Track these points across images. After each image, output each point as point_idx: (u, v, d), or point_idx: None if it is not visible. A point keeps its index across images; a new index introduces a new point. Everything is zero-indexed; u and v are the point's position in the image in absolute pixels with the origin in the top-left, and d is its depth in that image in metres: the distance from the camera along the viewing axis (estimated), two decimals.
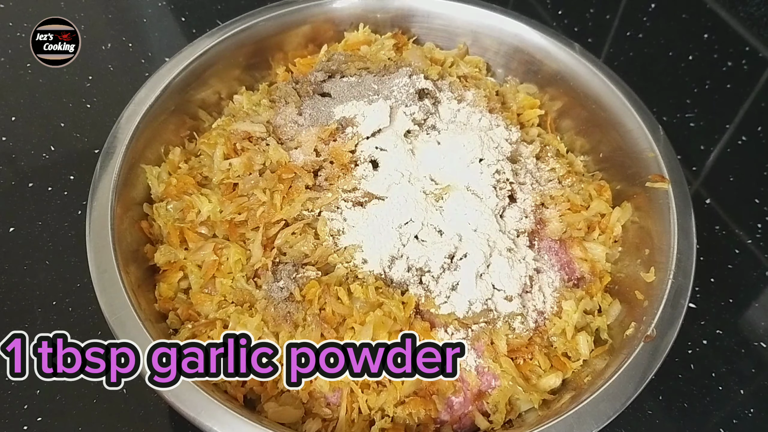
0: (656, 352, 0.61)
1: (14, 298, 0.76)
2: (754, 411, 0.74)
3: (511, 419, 0.64)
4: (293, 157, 0.73)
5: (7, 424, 0.67)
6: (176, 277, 0.69)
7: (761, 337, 0.80)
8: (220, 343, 0.59)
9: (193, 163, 0.77)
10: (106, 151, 0.70)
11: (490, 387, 0.64)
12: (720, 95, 1.06)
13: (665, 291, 0.65)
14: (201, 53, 0.80)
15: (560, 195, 0.77)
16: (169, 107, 0.77)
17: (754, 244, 0.88)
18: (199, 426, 0.54)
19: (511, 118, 0.83)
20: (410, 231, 0.68)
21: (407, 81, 0.78)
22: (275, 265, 0.67)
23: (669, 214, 0.70)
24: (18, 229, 0.82)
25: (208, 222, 0.71)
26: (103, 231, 0.65)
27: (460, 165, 0.72)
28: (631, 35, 1.14)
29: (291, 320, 0.63)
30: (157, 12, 1.12)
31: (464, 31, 0.91)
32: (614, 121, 0.80)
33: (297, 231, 0.69)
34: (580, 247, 0.74)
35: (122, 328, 0.59)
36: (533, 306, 0.68)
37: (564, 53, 0.85)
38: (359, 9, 0.90)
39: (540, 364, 0.66)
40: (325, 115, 0.76)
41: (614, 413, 0.57)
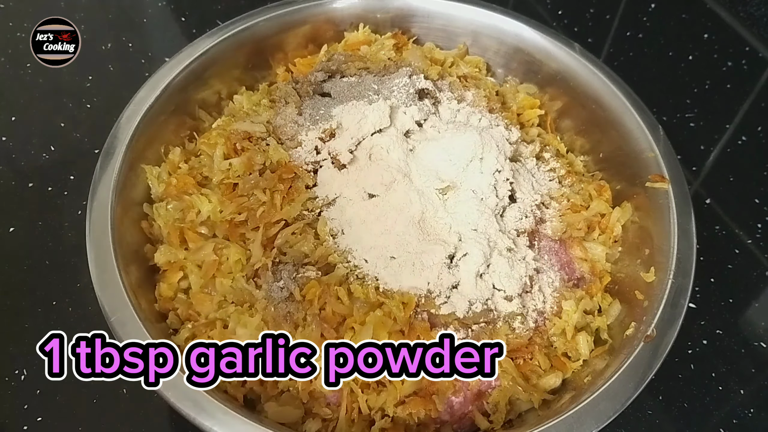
0: (656, 352, 0.61)
1: (14, 298, 0.76)
2: (754, 411, 0.74)
3: (511, 419, 0.64)
4: (293, 156, 0.73)
5: (7, 424, 0.67)
6: (176, 277, 0.69)
7: (761, 337, 0.80)
8: (258, 343, 0.58)
9: (193, 163, 0.77)
10: (106, 151, 0.70)
11: (490, 387, 0.64)
12: (720, 95, 1.06)
13: (665, 291, 0.65)
14: (201, 53, 0.80)
15: (560, 195, 0.77)
16: (169, 107, 0.77)
17: (754, 244, 0.88)
18: (199, 426, 0.54)
19: (511, 118, 0.83)
20: (410, 231, 0.68)
21: (407, 81, 0.78)
22: (275, 265, 0.67)
23: (669, 214, 0.70)
24: (18, 229, 0.82)
25: (208, 222, 0.71)
26: (103, 231, 0.65)
27: (460, 165, 0.72)
28: (631, 35, 1.14)
29: (291, 320, 0.63)
30: (157, 12, 1.12)
31: (464, 31, 0.91)
32: (614, 121, 0.80)
33: (297, 231, 0.69)
34: (580, 247, 0.74)
35: (122, 328, 0.59)
36: (533, 306, 0.68)
37: (564, 53, 0.85)
38: (359, 9, 0.90)
39: (540, 364, 0.66)
40: (325, 116, 0.76)
41: (614, 413, 0.57)
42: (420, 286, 0.65)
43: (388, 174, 0.71)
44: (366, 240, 0.67)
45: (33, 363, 0.70)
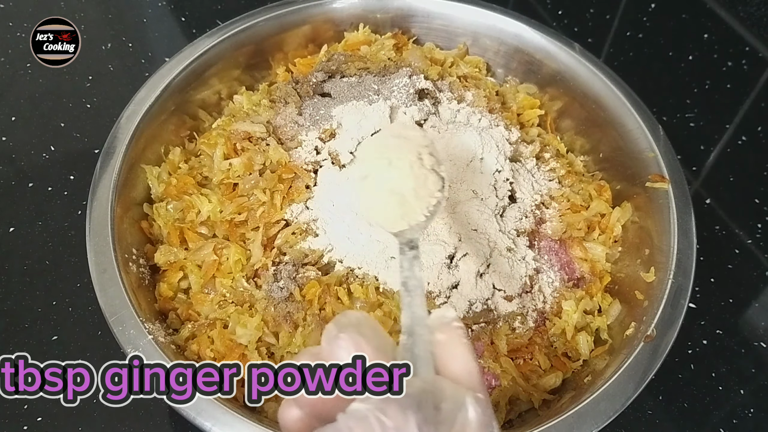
0: (656, 352, 0.61)
1: (14, 298, 0.76)
2: (754, 411, 0.74)
3: (511, 419, 0.64)
4: (293, 156, 0.73)
5: (7, 424, 0.67)
6: (176, 277, 0.69)
7: (761, 337, 0.80)
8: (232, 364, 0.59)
9: (193, 163, 0.77)
10: (106, 151, 0.70)
11: (490, 387, 0.64)
12: (720, 95, 1.06)
13: (665, 291, 0.65)
14: (201, 53, 0.80)
15: (560, 195, 0.77)
16: (169, 107, 0.77)
17: (754, 244, 0.88)
18: (200, 426, 0.54)
19: (511, 118, 0.83)
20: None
21: (407, 81, 0.78)
22: (275, 265, 0.67)
23: (669, 214, 0.70)
24: (18, 229, 0.82)
25: (208, 222, 0.71)
26: (103, 231, 0.65)
27: (459, 165, 0.72)
28: (631, 35, 1.14)
29: (291, 320, 0.63)
30: (157, 12, 1.12)
31: (464, 31, 0.91)
32: (614, 121, 0.80)
33: (297, 231, 0.69)
34: (580, 247, 0.74)
35: (122, 328, 0.59)
36: (533, 306, 0.68)
37: (564, 53, 0.85)
38: (359, 9, 0.90)
39: (540, 364, 0.66)
40: (325, 116, 0.76)
41: (614, 413, 0.57)
42: None
43: None
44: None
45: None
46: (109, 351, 0.68)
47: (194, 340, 0.64)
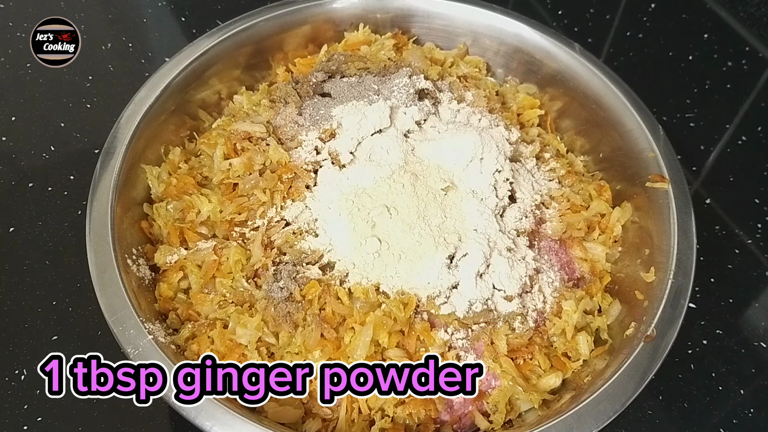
0: (656, 352, 0.61)
1: (14, 298, 0.76)
2: (754, 411, 0.74)
3: (511, 419, 0.64)
4: (293, 156, 0.73)
5: (7, 424, 0.67)
6: (176, 277, 0.69)
7: (761, 337, 0.80)
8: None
9: (193, 163, 0.77)
10: (106, 151, 0.70)
11: (490, 387, 0.64)
12: (720, 95, 1.06)
13: (665, 291, 0.65)
14: (201, 53, 0.80)
15: (560, 195, 0.77)
16: (169, 107, 0.77)
17: (754, 244, 0.88)
18: (200, 426, 0.54)
19: (511, 118, 0.83)
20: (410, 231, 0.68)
21: (407, 81, 0.78)
22: (275, 265, 0.67)
23: (669, 214, 0.70)
24: (18, 229, 0.82)
25: (208, 222, 0.71)
26: (103, 231, 0.65)
27: (459, 165, 0.72)
28: (631, 35, 1.14)
29: (291, 320, 0.63)
30: (157, 12, 1.12)
31: (464, 31, 0.91)
32: (614, 121, 0.80)
33: (297, 231, 0.69)
34: (580, 247, 0.74)
35: (122, 328, 0.59)
36: (533, 306, 0.68)
37: (564, 53, 0.85)
38: (359, 9, 0.90)
39: (540, 364, 0.66)
40: (325, 116, 0.76)
41: (614, 413, 0.57)
42: (420, 287, 0.65)
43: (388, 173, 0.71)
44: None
45: (33, 363, 0.69)
46: (110, 351, 0.68)
47: (194, 340, 0.64)
